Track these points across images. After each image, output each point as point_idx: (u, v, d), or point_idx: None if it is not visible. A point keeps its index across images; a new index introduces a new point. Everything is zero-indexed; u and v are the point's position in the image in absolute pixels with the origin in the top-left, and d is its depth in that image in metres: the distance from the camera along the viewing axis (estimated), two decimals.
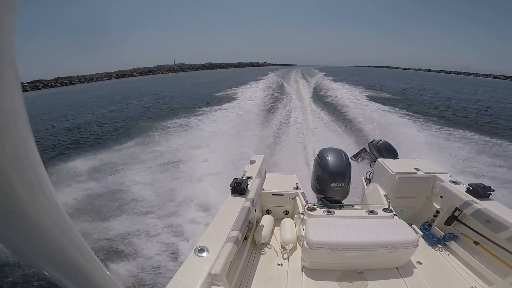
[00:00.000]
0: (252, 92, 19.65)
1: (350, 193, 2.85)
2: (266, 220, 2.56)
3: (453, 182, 2.61)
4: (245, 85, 25.84)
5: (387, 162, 3.04)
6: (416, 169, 2.87)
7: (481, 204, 2.17)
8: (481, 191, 2.27)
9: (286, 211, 2.83)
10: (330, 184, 2.70)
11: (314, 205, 2.43)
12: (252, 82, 28.07)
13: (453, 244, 2.37)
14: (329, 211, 2.32)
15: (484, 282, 1.98)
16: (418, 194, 2.90)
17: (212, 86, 30.16)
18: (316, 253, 1.91)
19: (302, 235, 2.06)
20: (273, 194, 2.78)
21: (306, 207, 2.36)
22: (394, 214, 2.34)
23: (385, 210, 2.37)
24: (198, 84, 36.55)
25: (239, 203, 2.12)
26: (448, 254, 2.33)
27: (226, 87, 24.88)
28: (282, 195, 2.77)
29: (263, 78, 32.78)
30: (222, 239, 1.67)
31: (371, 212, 2.32)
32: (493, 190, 2.30)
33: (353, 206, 2.71)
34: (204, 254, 1.53)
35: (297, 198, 2.68)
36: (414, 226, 2.12)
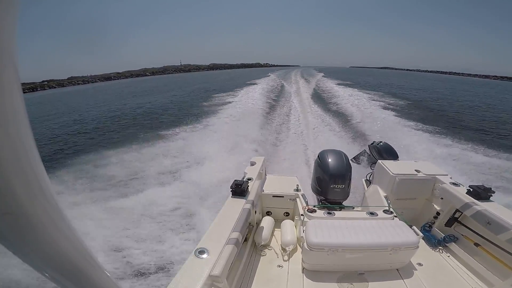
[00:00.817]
0: (252, 92, 19.73)
1: (350, 194, 2.85)
2: (267, 221, 2.56)
3: (453, 183, 2.61)
4: (248, 84, 27.10)
5: (388, 164, 3.04)
6: (416, 170, 2.87)
7: (481, 205, 2.18)
8: (481, 193, 2.28)
9: (287, 213, 2.83)
10: (331, 185, 2.70)
11: (314, 206, 2.43)
12: (255, 81, 29.88)
13: (453, 245, 2.36)
14: (329, 213, 2.32)
15: (484, 284, 1.98)
16: (418, 195, 2.89)
17: (235, 80, 34.48)
18: (316, 254, 1.91)
19: (302, 237, 2.06)
20: (273, 196, 2.78)
21: (306, 209, 2.36)
22: (395, 216, 2.34)
23: (385, 211, 2.37)
24: (224, 80, 41.13)
25: (240, 205, 2.13)
26: (448, 256, 2.33)
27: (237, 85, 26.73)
28: (283, 197, 2.77)
29: (265, 78, 34.17)
30: (223, 241, 1.68)
31: (372, 213, 2.32)
32: (493, 192, 2.31)
33: (353, 208, 2.70)
34: (204, 255, 1.53)
35: (297, 199, 2.68)
36: (414, 227, 2.12)
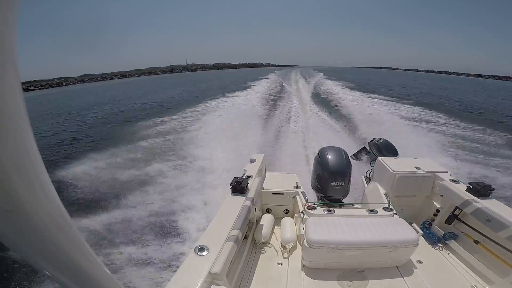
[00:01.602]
0: (252, 92, 19.72)
1: (350, 192, 2.85)
2: (266, 219, 2.56)
3: (453, 180, 2.60)
4: (253, 82, 28.39)
5: (387, 161, 3.04)
6: (416, 167, 2.87)
7: (481, 203, 2.17)
8: (481, 190, 2.27)
9: (286, 210, 2.83)
10: (330, 183, 2.70)
11: (314, 204, 2.43)
12: (258, 80, 31.06)
13: (453, 243, 2.37)
14: (329, 210, 2.32)
15: (484, 281, 1.98)
16: (418, 193, 2.89)
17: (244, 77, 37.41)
18: (316, 252, 1.91)
19: (302, 234, 2.06)
20: (273, 193, 2.78)
21: (306, 206, 2.35)
22: (394, 213, 2.33)
23: (385, 209, 2.37)
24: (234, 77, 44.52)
25: (239, 202, 2.12)
26: (448, 253, 2.33)
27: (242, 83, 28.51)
28: (282, 194, 2.76)
29: (267, 77, 35.27)
30: (222, 238, 1.67)
31: (371, 211, 2.32)
32: (493, 189, 2.30)
33: (353, 205, 2.71)
34: (204, 253, 1.52)
35: (297, 197, 2.68)
36: (414, 225, 2.12)
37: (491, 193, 2.29)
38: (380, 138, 4.03)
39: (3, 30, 0.28)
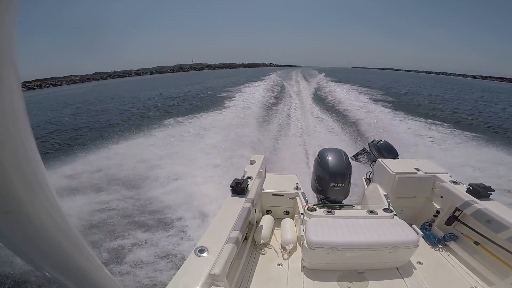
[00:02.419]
0: (252, 92, 19.76)
1: (350, 193, 2.85)
2: (266, 220, 2.56)
3: (453, 182, 2.61)
4: (256, 80, 30.71)
5: (387, 162, 3.04)
6: (416, 169, 2.87)
7: (481, 204, 2.17)
8: (481, 191, 2.27)
9: (286, 211, 2.83)
10: (330, 184, 2.70)
11: (314, 205, 2.43)
12: (260, 79, 33.03)
13: (453, 244, 2.36)
14: (329, 211, 2.32)
15: (484, 282, 1.98)
16: (418, 194, 2.89)
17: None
18: (316, 253, 1.91)
19: (302, 235, 2.06)
20: (273, 194, 2.78)
21: (306, 207, 2.36)
22: (394, 214, 2.33)
23: (385, 210, 2.37)
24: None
25: (239, 204, 2.12)
26: (448, 254, 2.33)
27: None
28: (282, 195, 2.76)
29: (268, 76, 36.92)
30: (222, 240, 1.67)
31: (371, 212, 2.32)
32: (493, 190, 2.30)
33: (353, 206, 2.71)
34: (204, 254, 1.53)
35: (297, 198, 2.68)
36: (414, 226, 2.12)
37: (491, 194, 2.30)
38: (380, 140, 4.03)
39: (3, 30, 0.28)
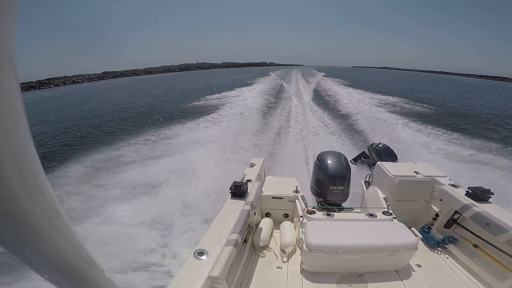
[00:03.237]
0: (252, 91, 19.84)
1: (349, 196, 2.86)
2: (266, 223, 2.56)
3: (452, 185, 2.61)
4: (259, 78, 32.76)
5: (387, 165, 3.05)
6: (415, 172, 2.88)
7: (480, 207, 2.18)
8: (480, 194, 2.28)
9: (286, 214, 2.83)
10: (330, 187, 2.71)
11: (313, 208, 2.43)
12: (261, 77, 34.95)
13: (452, 247, 2.37)
14: (328, 214, 2.32)
15: (483, 285, 1.98)
16: (417, 197, 2.90)
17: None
18: (315, 256, 1.91)
19: (301, 238, 2.06)
20: (272, 197, 2.78)
21: (305, 210, 2.36)
22: (394, 217, 2.34)
23: (384, 213, 2.37)
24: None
25: (239, 206, 2.13)
26: (447, 257, 2.33)
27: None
28: (282, 198, 2.77)
29: (269, 76, 38.42)
30: (222, 242, 1.67)
31: (371, 215, 2.32)
32: (492, 193, 2.31)
33: (352, 209, 2.71)
34: (203, 257, 1.53)
35: (296, 201, 2.68)
36: (413, 229, 2.12)
37: (490, 197, 2.30)
38: (379, 143, 4.05)
39: (2, 31, 0.28)
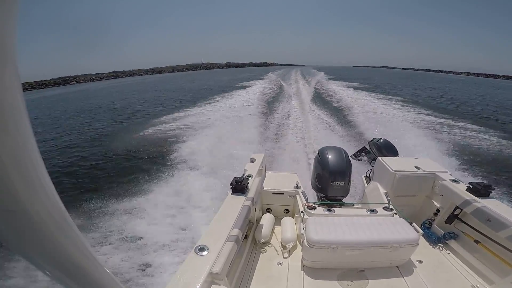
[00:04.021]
0: (252, 90, 19.77)
1: (350, 191, 2.85)
2: (266, 218, 2.56)
3: (453, 180, 2.60)
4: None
5: (388, 161, 3.03)
6: (416, 167, 2.87)
7: (481, 202, 2.17)
8: (481, 190, 2.27)
9: (287, 210, 2.83)
10: (331, 182, 2.70)
11: (314, 203, 2.43)
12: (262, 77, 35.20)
13: (453, 242, 2.37)
14: (329, 210, 2.32)
15: (484, 281, 1.98)
16: (418, 192, 2.89)
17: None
18: (316, 251, 1.91)
19: (302, 234, 2.06)
20: (273, 193, 2.78)
21: (306, 206, 2.35)
22: (395, 213, 2.34)
23: (385, 208, 2.37)
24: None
25: (239, 202, 2.12)
26: (448, 253, 2.33)
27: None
28: (282, 194, 2.76)
29: (270, 75, 38.40)
30: (223, 238, 1.67)
31: (372, 210, 2.32)
32: (493, 189, 2.30)
33: (353, 205, 2.70)
34: (204, 253, 1.53)
35: (297, 196, 2.68)
36: (414, 224, 2.12)
37: (491, 192, 2.29)
38: (380, 138, 4.02)
39: (3, 30, 0.28)
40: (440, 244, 2.42)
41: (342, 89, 20.90)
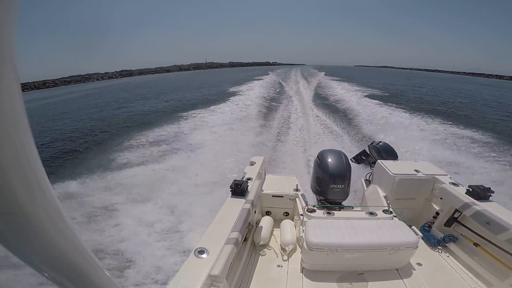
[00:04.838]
0: (252, 91, 19.83)
1: (350, 194, 2.85)
2: (266, 221, 2.56)
3: (452, 183, 2.61)
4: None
5: (387, 164, 3.04)
6: (416, 170, 2.87)
7: (480, 205, 2.18)
8: (480, 193, 2.28)
9: (286, 213, 2.83)
10: (330, 185, 2.70)
11: (314, 206, 2.43)
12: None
13: (452, 245, 2.36)
14: (329, 213, 2.32)
15: (483, 284, 1.98)
16: (418, 195, 2.89)
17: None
18: (316, 254, 1.91)
19: (302, 237, 2.06)
20: (273, 196, 2.78)
21: (306, 209, 2.36)
22: (394, 216, 2.34)
23: (385, 211, 2.37)
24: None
25: (239, 205, 2.12)
26: (447, 256, 2.33)
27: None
28: (282, 197, 2.76)
29: (272, 74, 41.30)
30: (222, 241, 1.67)
31: (371, 213, 2.32)
32: (493, 192, 2.30)
33: (353, 208, 2.70)
34: (204, 255, 1.53)
35: (297, 199, 2.68)
36: (414, 227, 2.12)
37: (491, 196, 2.30)
38: (379, 141, 4.03)
39: (3, 30, 0.28)
40: (439, 247, 2.42)
41: (346, 92, 20.95)
